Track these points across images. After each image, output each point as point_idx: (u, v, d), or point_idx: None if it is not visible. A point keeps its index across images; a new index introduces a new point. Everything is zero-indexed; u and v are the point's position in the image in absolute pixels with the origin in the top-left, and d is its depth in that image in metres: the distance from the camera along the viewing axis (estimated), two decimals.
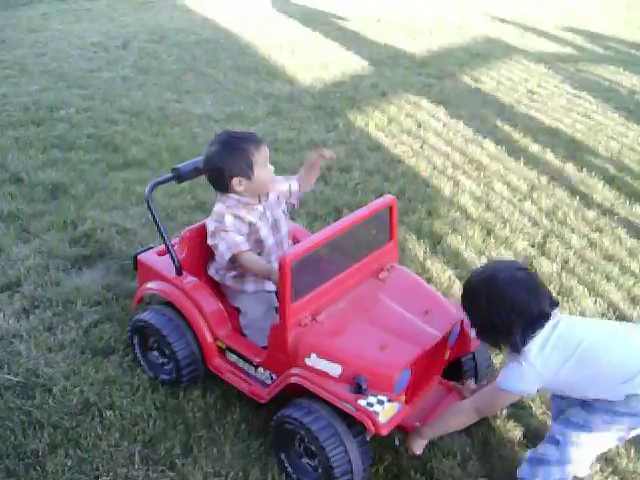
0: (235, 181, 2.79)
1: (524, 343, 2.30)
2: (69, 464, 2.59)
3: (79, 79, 7.19)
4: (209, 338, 2.86)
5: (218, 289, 3.02)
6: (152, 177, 4.89)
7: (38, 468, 2.57)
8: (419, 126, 6.37)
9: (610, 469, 2.70)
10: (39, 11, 11.10)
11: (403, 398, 2.55)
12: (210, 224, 2.83)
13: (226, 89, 7.16)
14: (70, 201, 4.53)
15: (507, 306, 2.28)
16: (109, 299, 3.55)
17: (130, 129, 5.81)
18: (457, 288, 3.78)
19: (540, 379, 2.31)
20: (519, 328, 2.28)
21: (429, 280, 3.81)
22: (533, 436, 2.83)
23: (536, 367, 2.29)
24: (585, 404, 2.36)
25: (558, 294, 3.78)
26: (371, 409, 2.34)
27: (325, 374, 2.47)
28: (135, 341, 3.06)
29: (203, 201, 4.60)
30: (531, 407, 2.98)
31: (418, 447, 2.59)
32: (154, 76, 7.45)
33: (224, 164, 2.79)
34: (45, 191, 4.65)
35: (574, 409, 2.40)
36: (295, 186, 3.10)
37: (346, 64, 8.33)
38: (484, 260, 4.08)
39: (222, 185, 2.84)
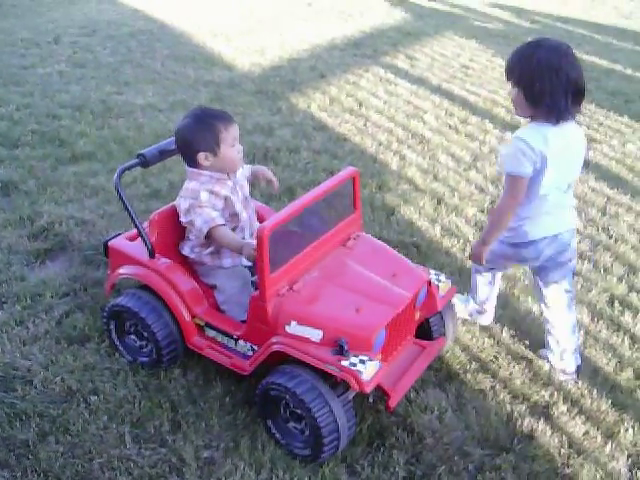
0: (201, 155, 2.86)
1: (564, 111, 2.60)
2: (61, 450, 2.61)
3: (14, 76, 7.03)
4: (187, 317, 2.91)
5: (190, 269, 3.08)
6: (102, 169, 4.93)
7: (30, 457, 2.58)
8: (360, 105, 6.50)
9: (576, 409, 2.88)
10: None
11: (379, 357, 2.67)
12: (184, 202, 2.88)
13: (165, 79, 7.13)
14: (23, 197, 4.48)
15: (560, 73, 2.57)
16: (77, 289, 3.56)
17: (74, 123, 5.74)
18: (415, 255, 3.93)
19: (532, 160, 2.62)
20: (569, 93, 2.59)
21: None
22: (503, 387, 3.00)
23: (532, 145, 2.60)
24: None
25: None
26: (354, 368, 2.44)
27: (306, 340, 2.57)
28: (111, 326, 3.09)
29: (157, 189, 4.62)
30: (497, 358, 3.15)
31: (484, 255, 2.89)
32: (91, 70, 7.35)
33: (192, 138, 2.87)
34: None
35: None
36: (248, 171, 3.22)
37: (282, 48, 8.39)
38: (438, 228, 4.24)
39: (190, 158, 2.91)
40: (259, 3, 11.01)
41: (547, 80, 2.58)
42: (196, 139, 2.85)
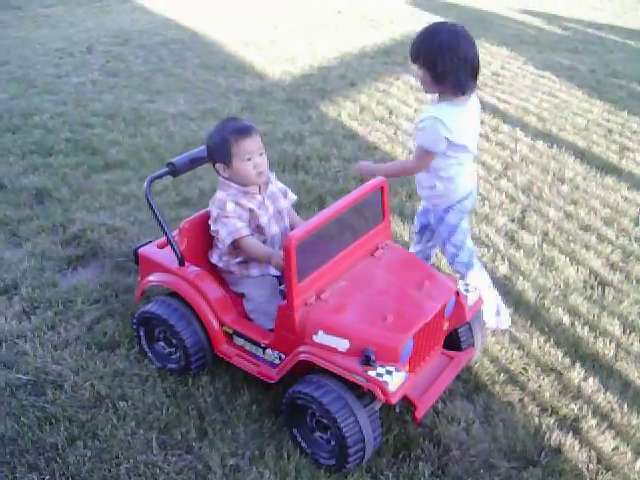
0: (219, 166, 2.95)
1: (466, 86, 2.93)
2: (89, 455, 2.65)
3: (48, 85, 7.17)
4: (215, 324, 2.94)
5: (219, 277, 3.10)
6: (134, 177, 4.99)
7: (59, 460, 2.62)
8: (391, 113, 6.49)
9: (606, 424, 2.84)
10: None
11: (407, 368, 2.65)
12: (213, 210, 2.92)
13: (197, 87, 7.20)
14: (56, 204, 4.55)
15: (459, 53, 2.89)
16: (108, 296, 3.61)
17: (107, 131, 5.84)
18: (444, 265, 3.91)
19: (445, 138, 2.95)
20: (468, 69, 2.91)
21: None
22: (532, 399, 2.97)
23: (447, 125, 2.92)
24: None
25: (541, 265, 3.94)
26: (381, 379, 2.43)
27: (333, 349, 2.56)
28: (141, 333, 3.12)
29: (188, 197, 4.66)
30: (526, 370, 3.12)
31: (367, 175, 3.15)
32: (123, 78, 7.46)
33: (211, 148, 2.97)
34: (30, 196, 4.67)
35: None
36: (293, 196, 3.21)
37: (312, 57, 8.42)
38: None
39: (214, 167, 2.99)
40: (290, 12, 11.08)
41: (448, 60, 2.88)
42: (214, 150, 2.95)
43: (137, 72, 7.72)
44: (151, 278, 3.11)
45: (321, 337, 2.59)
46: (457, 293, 2.88)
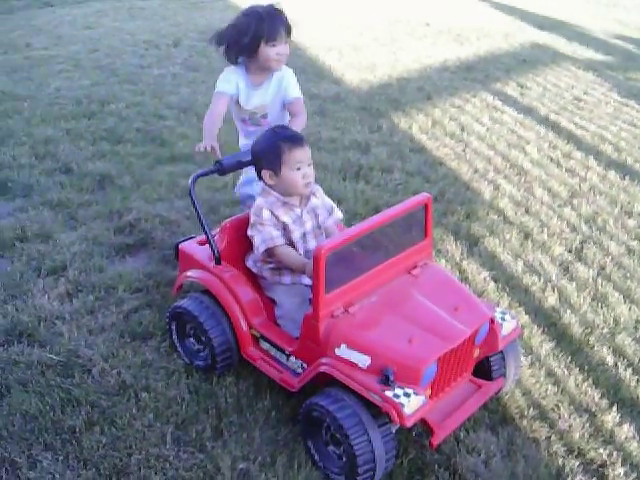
0: (265, 173, 2.92)
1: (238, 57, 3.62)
2: (104, 441, 2.69)
3: (130, 75, 7.38)
4: (244, 326, 2.94)
5: (255, 280, 3.10)
6: (196, 172, 5.04)
7: (74, 443, 2.67)
8: (462, 130, 6.39)
9: (635, 474, 2.69)
10: (94, 8, 11.41)
11: (428, 392, 2.59)
12: (251, 216, 2.92)
13: None
14: (117, 192, 4.67)
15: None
16: (150, 286, 3.67)
17: (178, 124, 5.95)
18: (491, 290, 3.81)
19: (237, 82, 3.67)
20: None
21: (464, 281, 3.84)
22: (559, 438, 2.85)
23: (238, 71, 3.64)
24: None
25: (592, 300, 3.78)
26: (397, 400, 2.38)
27: (354, 365, 2.52)
28: (173, 327, 3.16)
29: None
30: (558, 407, 3.00)
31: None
32: (203, 74, 7.60)
33: (260, 154, 2.95)
34: (93, 181, 4.81)
35: None
36: (338, 215, 3.16)
37: (393, 66, 8.37)
38: (520, 264, 4.09)
39: (258, 174, 2.97)
40: (377, 20, 11.05)
41: None
42: (262, 157, 2.92)
43: (217, 68, 7.76)
44: (188, 274, 3.14)
45: (343, 351, 2.56)
46: (492, 320, 2.80)
